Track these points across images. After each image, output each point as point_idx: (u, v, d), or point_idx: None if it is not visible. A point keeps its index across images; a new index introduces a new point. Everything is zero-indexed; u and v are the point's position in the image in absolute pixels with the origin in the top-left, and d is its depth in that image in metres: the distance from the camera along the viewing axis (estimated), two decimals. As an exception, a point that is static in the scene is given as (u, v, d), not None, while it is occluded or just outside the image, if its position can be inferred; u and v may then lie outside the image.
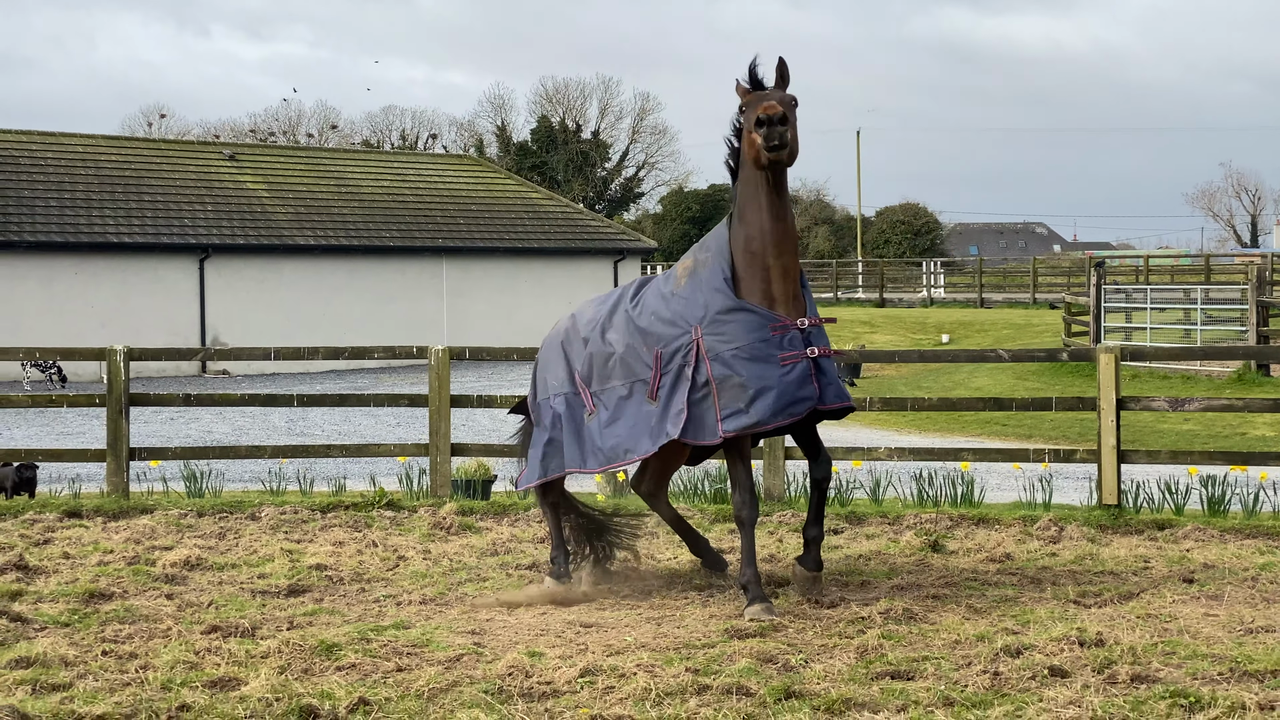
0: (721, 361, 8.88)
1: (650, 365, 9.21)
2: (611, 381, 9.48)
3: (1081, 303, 36.34)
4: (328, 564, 10.75)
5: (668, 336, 9.14)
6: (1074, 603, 9.11)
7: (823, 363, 9.04)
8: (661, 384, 9.13)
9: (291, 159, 48.23)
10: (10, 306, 37.02)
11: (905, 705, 6.70)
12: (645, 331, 9.30)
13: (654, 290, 9.52)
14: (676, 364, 9.06)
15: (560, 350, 9.92)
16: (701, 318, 9.01)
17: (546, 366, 10.01)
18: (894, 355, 15.24)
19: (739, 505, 9.08)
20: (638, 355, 9.32)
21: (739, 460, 9.10)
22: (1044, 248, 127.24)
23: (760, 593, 8.92)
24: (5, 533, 12.23)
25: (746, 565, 8.98)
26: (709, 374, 8.91)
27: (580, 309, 10.12)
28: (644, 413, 9.21)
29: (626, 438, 9.29)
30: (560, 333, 10.05)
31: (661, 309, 9.28)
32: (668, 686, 7.06)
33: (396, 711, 6.75)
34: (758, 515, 9.16)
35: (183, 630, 8.44)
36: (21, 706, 6.72)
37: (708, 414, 8.90)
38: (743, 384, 8.83)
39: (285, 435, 24.88)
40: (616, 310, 9.66)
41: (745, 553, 9.02)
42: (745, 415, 8.82)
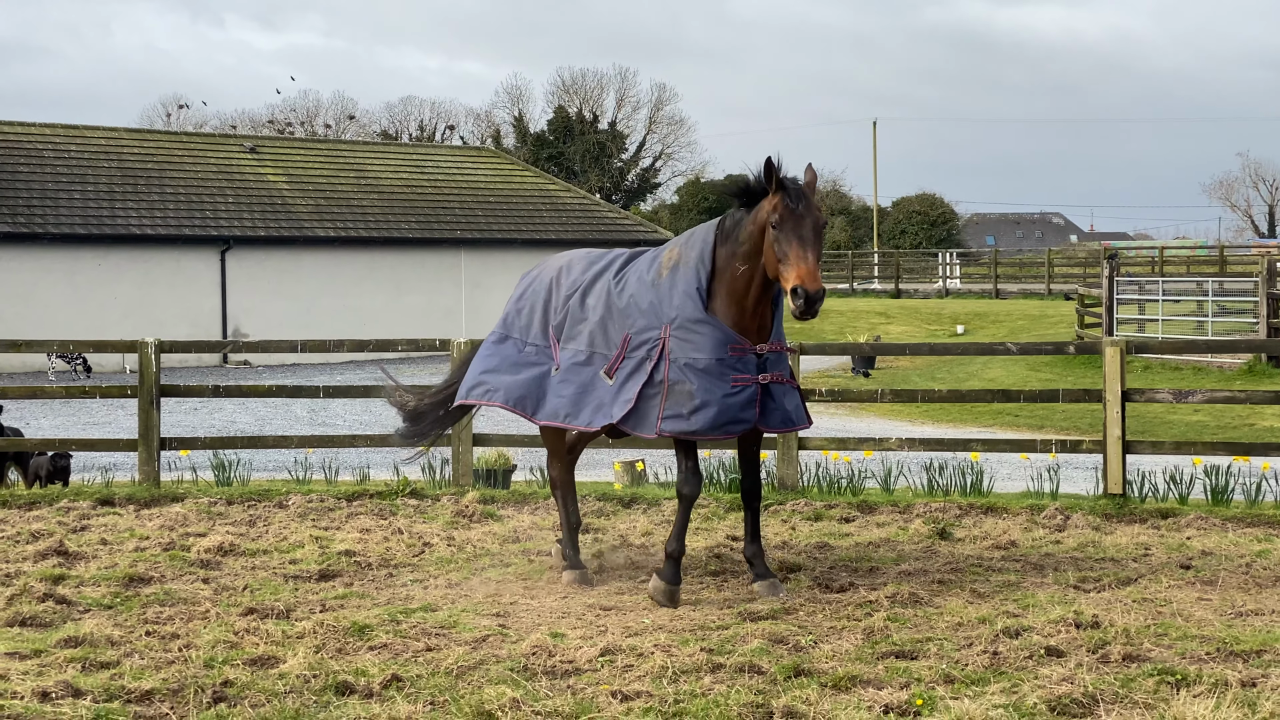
0: (679, 367, 9.25)
1: (616, 344, 9.60)
2: (576, 344, 9.88)
3: (1095, 294, 36.61)
4: (356, 550, 11.14)
5: (639, 326, 9.50)
6: (1074, 587, 9.48)
7: (774, 388, 9.34)
8: (621, 366, 9.51)
9: (311, 151, 48.68)
10: (35, 298, 37.52)
11: (908, 683, 7.08)
12: (621, 312, 9.65)
13: (637, 272, 9.81)
14: (640, 355, 9.43)
15: (544, 299, 10.30)
16: (673, 319, 9.36)
17: (529, 310, 10.35)
18: (905, 348, 15.59)
19: (681, 482, 9.48)
20: (606, 331, 9.70)
21: (682, 450, 9.51)
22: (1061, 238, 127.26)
23: (674, 574, 9.25)
24: (43, 520, 12.65)
25: (674, 539, 9.38)
26: (665, 375, 9.29)
27: (572, 261, 10.42)
28: (595, 385, 9.62)
29: (569, 403, 9.73)
30: (547, 281, 10.39)
31: (640, 296, 9.61)
32: (683, 665, 7.45)
33: (428, 688, 7.14)
34: (699, 492, 9.56)
35: (221, 612, 8.85)
36: (74, 682, 7.14)
37: (652, 411, 9.29)
38: (691, 393, 9.18)
39: (308, 425, 25.31)
40: (600, 279, 9.99)
41: (678, 525, 9.43)
42: (684, 421, 9.20)
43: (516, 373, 10.22)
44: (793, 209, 8.93)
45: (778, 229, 8.93)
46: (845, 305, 56.26)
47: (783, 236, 8.90)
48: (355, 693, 7.07)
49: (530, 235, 46.28)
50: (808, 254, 8.82)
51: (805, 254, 8.82)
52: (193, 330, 38.91)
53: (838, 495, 14.02)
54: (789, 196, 8.98)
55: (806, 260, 8.79)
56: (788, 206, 8.95)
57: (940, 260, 67.66)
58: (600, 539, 11.76)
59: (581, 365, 9.80)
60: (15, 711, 6.71)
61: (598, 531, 12.12)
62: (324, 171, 46.26)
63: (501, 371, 10.31)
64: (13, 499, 13.86)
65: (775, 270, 8.99)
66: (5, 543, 11.49)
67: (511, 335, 10.42)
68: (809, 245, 8.86)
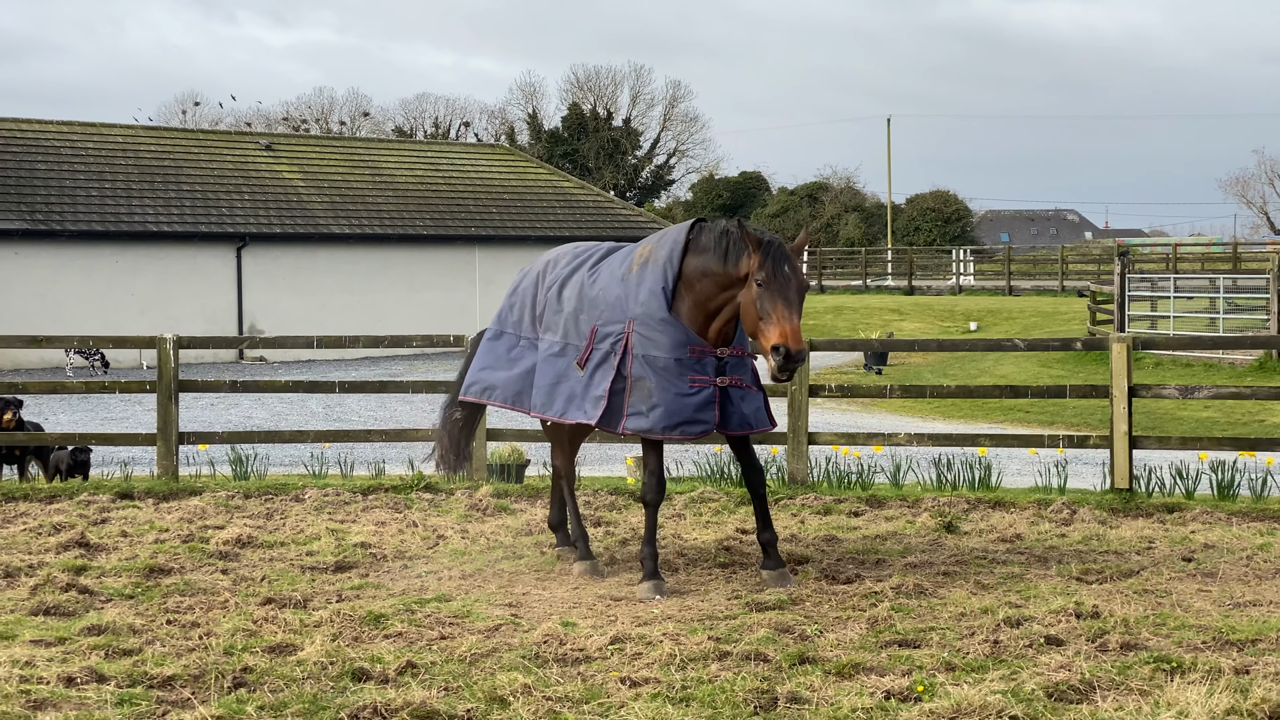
0: (640, 362, 9.46)
1: (585, 335, 9.83)
2: (552, 335, 10.13)
3: (1107, 291, 36.71)
4: (371, 542, 11.34)
5: (605, 318, 9.72)
6: (1076, 579, 9.65)
7: (732, 392, 9.51)
8: (590, 358, 9.73)
9: (327, 149, 48.95)
10: (53, 295, 37.81)
11: (910, 670, 7.25)
12: (591, 302, 9.88)
13: (610, 266, 10.02)
14: (606, 347, 9.65)
15: (532, 293, 10.54)
16: (636, 315, 9.55)
17: (520, 305, 10.59)
18: (914, 344, 15.76)
19: (645, 489, 9.71)
20: (578, 322, 9.94)
21: (652, 451, 9.72)
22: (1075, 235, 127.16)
23: (654, 570, 9.48)
24: (64, 513, 12.87)
25: (646, 544, 9.59)
26: (629, 369, 9.49)
27: (559, 255, 10.66)
28: (568, 375, 9.87)
29: (544, 394, 9.99)
30: (534, 276, 10.64)
31: (609, 289, 9.82)
32: (691, 653, 7.63)
33: (442, 674, 7.34)
34: (662, 499, 9.75)
35: (239, 602, 9.05)
36: (98, 668, 7.34)
37: (621, 406, 9.52)
38: (649, 390, 9.40)
39: (323, 420, 25.55)
40: (577, 272, 10.22)
41: (647, 531, 9.63)
42: (644, 419, 9.42)
43: (511, 368, 10.49)
44: (781, 271, 9.05)
45: (763, 287, 9.03)
46: (858, 302, 56.39)
47: (767, 295, 9.00)
48: (371, 679, 7.27)
49: (544, 232, 46.48)
50: (792, 315, 8.96)
51: (790, 315, 8.96)
52: (209, 326, 39.19)
53: (847, 490, 14.18)
54: (775, 259, 9.08)
55: (790, 321, 8.93)
56: (776, 268, 9.05)
57: (954, 257, 67.73)
58: (612, 532, 11.95)
59: (556, 356, 10.08)
60: (42, 696, 6.91)
61: (610, 525, 12.30)
62: (339, 169, 46.51)
63: (497, 368, 10.58)
64: (34, 492, 14.09)
65: (754, 326, 9.12)
66: (28, 535, 11.71)
67: (505, 330, 10.67)
68: (793, 307, 9.01)
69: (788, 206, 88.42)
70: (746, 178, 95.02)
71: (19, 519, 12.61)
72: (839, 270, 70.09)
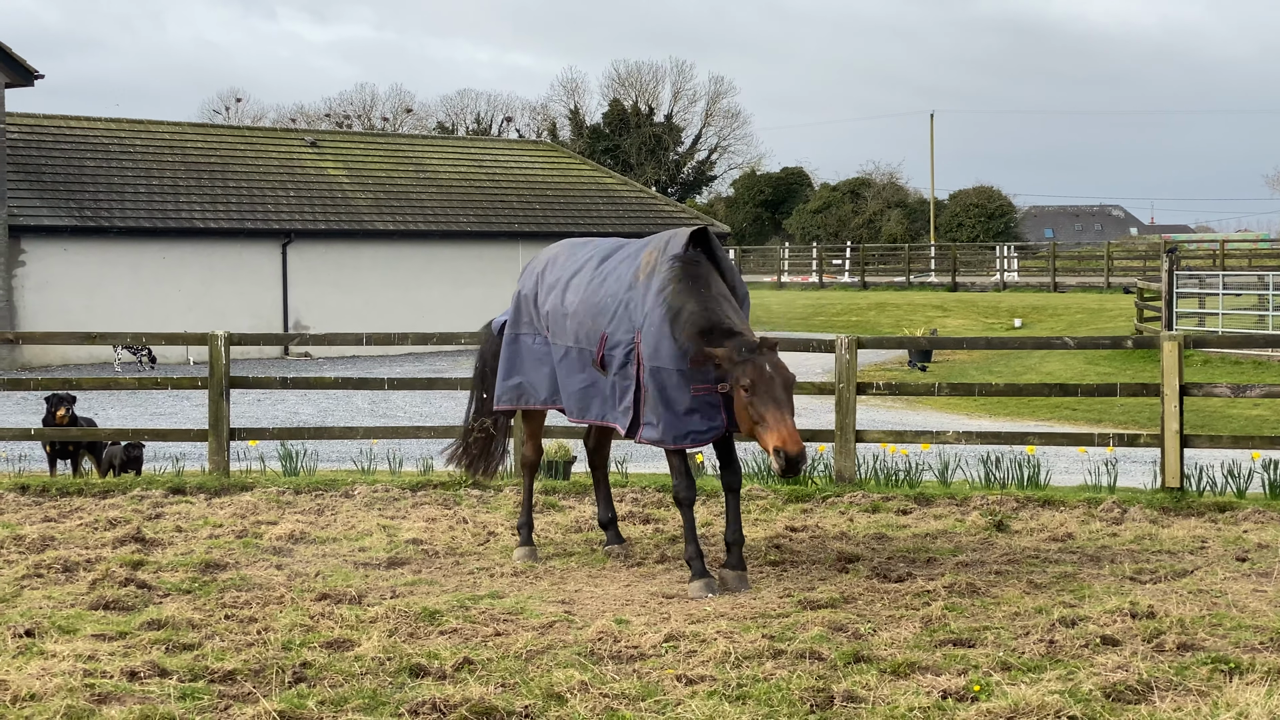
0: (648, 373, 9.58)
1: (596, 339, 9.95)
2: (563, 339, 10.27)
3: (1154, 288, 36.47)
4: (422, 539, 11.41)
5: (614, 327, 9.84)
6: (1130, 579, 9.62)
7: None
8: (608, 363, 9.85)
9: (371, 145, 49.14)
10: (101, 290, 38.12)
11: (965, 669, 7.26)
12: (598, 309, 9.99)
13: (617, 271, 10.10)
14: (620, 355, 9.78)
15: (533, 291, 10.68)
16: (641, 325, 9.67)
17: (526, 307, 10.74)
18: (962, 342, 15.70)
19: (677, 488, 9.78)
20: (584, 325, 10.06)
21: (674, 451, 9.76)
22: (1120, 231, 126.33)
23: (702, 569, 9.54)
24: (119, 508, 13.00)
25: (689, 542, 9.66)
26: (642, 379, 9.63)
27: (555, 253, 10.79)
28: (590, 378, 10.02)
29: (576, 400, 10.17)
30: (536, 273, 10.77)
31: (618, 293, 9.93)
32: (745, 651, 7.66)
33: (498, 670, 7.39)
34: (695, 496, 9.82)
35: (295, 597, 9.13)
36: (160, 662, 7.44)
37: (638, 416, 9.67)
38: (656, 400, 9.53)
39: (369, 416, 25.68)
40: (581, 271, 10.32)
41: (687, 530, 9.71)
42: (654, 430, 9.58)
43: (537, 369, 10.63)
44: (763, 372, 9.08)
45: (750, 392, 9.08)
46: (901, 298, 56.20)
47: (757, 400, 9.06)
48: (429, 674, 7.33)
49: (588, 229, 46.49)
50: (785, 416, 9.01)
51: (783, 416, 9.00)
52: (254, 323, 39.43)
53: (895, 488, 14.16)
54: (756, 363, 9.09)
55: (785, 423, 8.98)
56: (757, 369, 9.08)
57: (997, 253, 67.42)
58: (661, 530, 11.98)
59: (573, 361, 10.19)
60: (106, 690, 7.01)
61: (659, 523, 12.34)
62: (383, 165, 46.70)
63: (523, 372, 10.73)
64: (87, 487, 14.24)
65: (750, 429, 9.21)
66: (84, 529, 11.84)
67: (521, 332, 10.78)
68: (784, 406, 9.06)
69: (830, 202, 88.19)
70: (788, 173, 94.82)
71: (74, 514, 12.75)
72: (881, 267, 69.87)
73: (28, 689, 6.93)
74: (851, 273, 68.81)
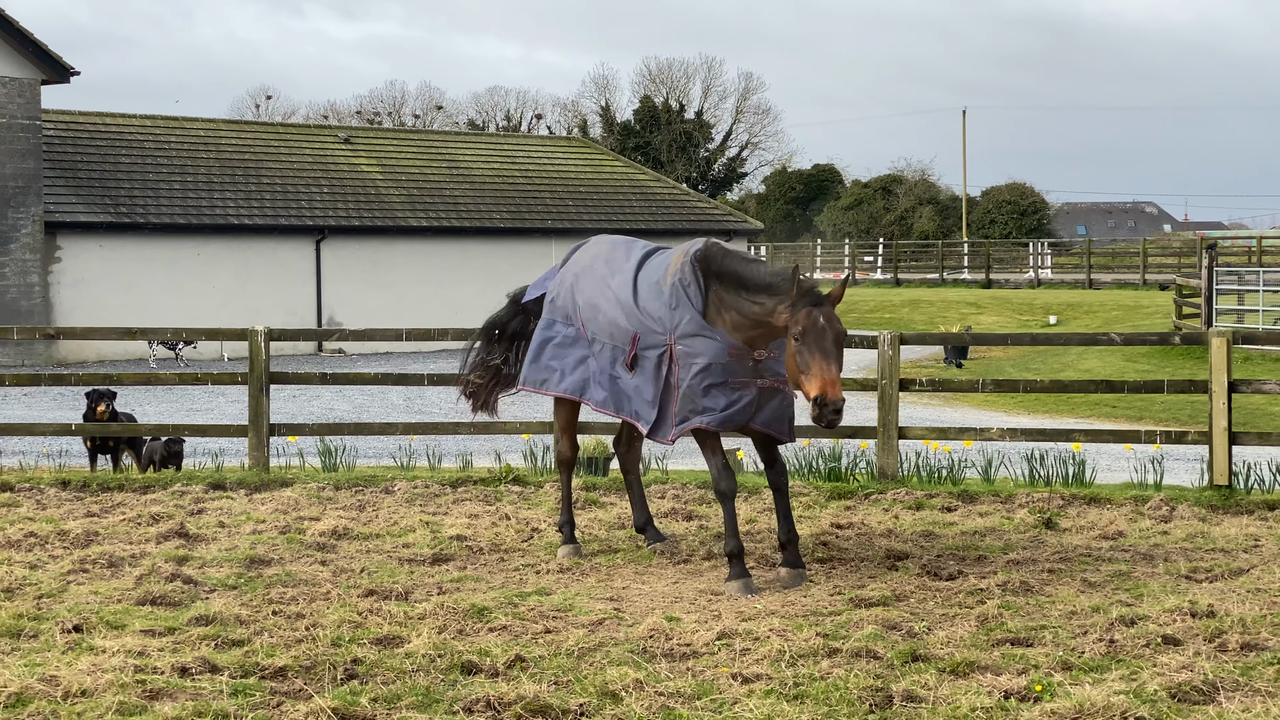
0: (686, 369, 9.55)
1: (629, 339, 9.93)
2: (598, 334, 10.25)
3: (1193, 284, 36.19)
4: (466, 535, 11.35)
5: (646, 329, 9.83)
6: (1185, 578, 9.49)
7: (770, 393, 9.61)
8: (640, 365, 9.84)
9: (404, 141, 49.17)
10: (136, 287, 38.23)
11: (1025, 669, 7.15)
12: (629, 310, 9.98)
13: (649, 277, 10.11)
14: (652, 357, 9.77)
15: (571, 283, 10.63)
16: (675, 327, 9.65)
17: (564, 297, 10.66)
18: (1006, 338, 15.58)
19: (716, 479, 9.73)
20: (617, 324, 10.05)
21: (708, 445, 9.76)
22: (1154, 228, 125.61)
23: (741, 568, 9.48)
24: (161, 503, 12.98)
25: (729, 537, 9.59)
26: (676, 379, 9.60)
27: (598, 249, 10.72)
28: (622, 375, 9.98)
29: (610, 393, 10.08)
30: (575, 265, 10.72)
31: (649, 298, 9.93)
32: (800, 649, 7.56)
33: (551, 668, 7.31)
34: (735, 488, 9.80)
35: (342, 594, 9.08)
36: (211, 659, 7.38)
37: (667, 417, 9.68)
38: (691, 396, 9.50)
39: (404, 413, 25.66)
40: (617, 274, 10.28)
41: (727, 524, 9.65)
42: (689, 422, 9.55)
43: (564, 358, 10.58)
44: (816, 323, 9.08)
45: (800, 341, 9.11)
46: (935, 295, 55.95)
47: (804, 349, 9.09)
48: (481, 672, 7.26)
49: (621, 225, 46.43)
50: (831, 367, 9.03)
51: (828, 366, 9.02)
52: (288, 319, 39.48)
53: (938, 485, 14.04)
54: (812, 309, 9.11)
55: (829, 372, 9.00)
56: (812, 320, 9.09)
57: (1031, 250, 67.07)
58: (705, 526, 11.89)
59: (606, 358, 10.14)
60: (158, 686, 6.96)
61: (702, 519, 12.25)
62: (416, 161, 46.72)
63: (555, 360, 10.64)
64: (128, 482, 14.23)
65: (796, 379, 9.24)
66: (127, 525, 11.82)
67: (556, 319, 10.73)
68: (831, 358, 9.07)
69: (861, 199, 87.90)
70: (820, 170, 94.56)
71: (117, 509, 12.74)
72: (913, 264, 69.58)
73: (79, 685, 6.89)
74: (884, 269, 68.56)
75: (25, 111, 36.70)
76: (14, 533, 11.23)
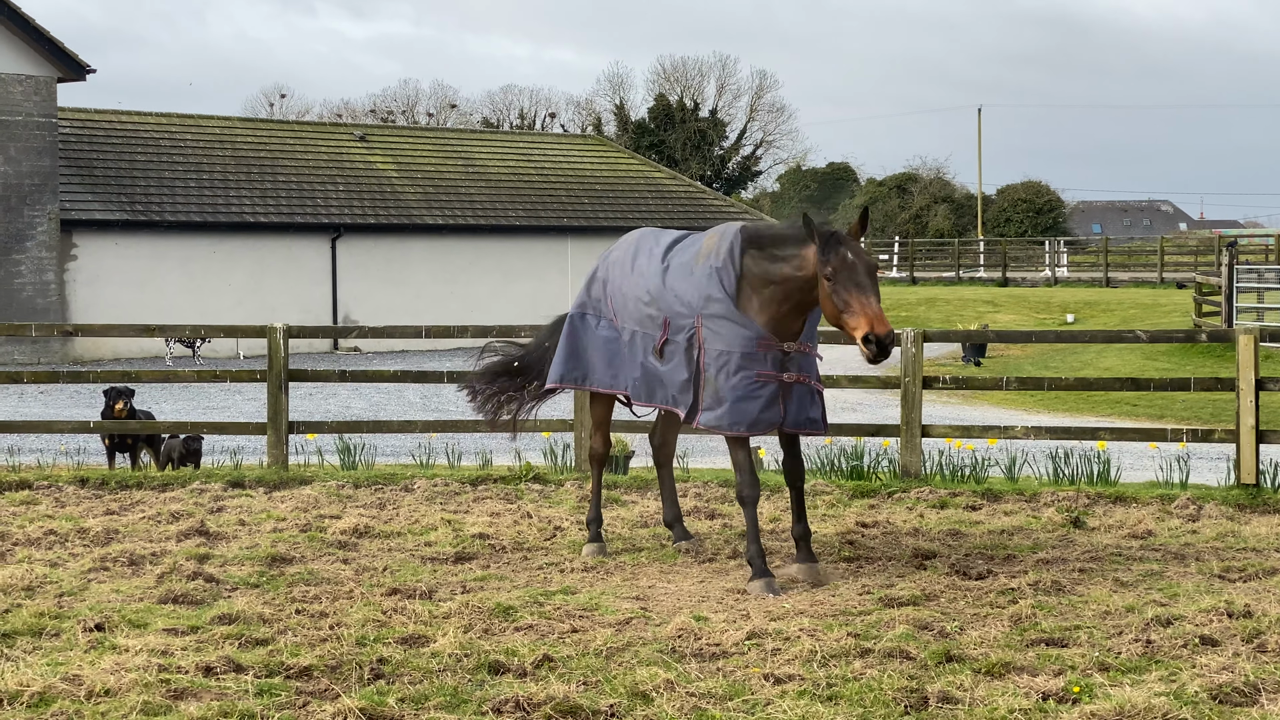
0: (711, 356, 9.42)
1: (660, 326, 9.80)
2: (630, 324, 10.13)
3: (1213, 283, 36.00)
4: (488, 533, 11.25)
5: (675, 311, 9.69)
6: (1218, 577, 9.37)
7: (796, 388, 9.41)
8: (668, 351, 9.68)
9: (419, 139, 49.10)
10: (151, 285, 38.23)
11: (1062, 669, 7.03)
12: (659, 295, 9.84)
13: (680, 260, 9.96)
14: (681, 340, 9.61)
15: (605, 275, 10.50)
16: (702, 308, 9.51)
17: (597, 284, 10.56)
18: (1031, 335, 15.45)
19: (740, 485, 9.59)
20: (648, 311, 9.91)
21: (737, 447, 9.59)
22: (1169, 226, 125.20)
23: (763, 568, 9.34)
24: (180, 501, 12.91)
25: (751, 542, 9.45)
26: (702, 363, 9.46)
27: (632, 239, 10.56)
28: (653, 364, 9.85)
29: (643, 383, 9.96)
30: (612, 257, 10.57)
31: (678, 281, 9.77)
32: (831, 649, 7.45)
33: (580, 668, 7.21)
34: (758, 494, 9.63)
35: (365, 592, 8.99)
36: (235, 658, 7.29)
37: (696, 401, 9.51)
38: (718, 385, 9.35)
39: (421, 410, 25.59)
40: (646, 265, 10.13)
41: (750, 530, 9.50)
42: (713, 415, 9.39)
43: (596, 351, 10.47)
44: (844, 259, 8.97)
45: (833, 280, 8.99)
46: (951, 293, 55.76)
47: (840, 287, 8.96)
48: (508, 672, 7.16)
49: (636, 223, 46.32)
50: (870, 299, 8.90)
51: (868, 300, 8.89)
52: (304, 317, 39.43)
53: (961, 483, 13.93)
54: (836, 249, 9.01)
55: (870, 306, 8.87)
56: (840, 257, 8.98)
57: (1047, 249, 66.85)
58: (729, 525, 11.79)
59: (637, 345, 10.04)
60: (182, 686, 6.87)
61: (725, 518, 12.15)
62: (431, 159, 46.66)
63: (585, 353, 10.54)
64: (146, 480, 14.16)
65: (836, 319, 9.08)
66: (147, 522, 11.75)
67: (587, 312, 10.62)
68: (868, 291, 8.95)
69: (876, 198, 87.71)
70: (834, 169, 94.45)
71: (136, 507, 12.67)
72: (929, 262, 69.37)
73: (102, 684, 6.80)
74: (899, 268, 68.37)
75: (41, 109, 36.70)
76: (34, 530, 11.17)
